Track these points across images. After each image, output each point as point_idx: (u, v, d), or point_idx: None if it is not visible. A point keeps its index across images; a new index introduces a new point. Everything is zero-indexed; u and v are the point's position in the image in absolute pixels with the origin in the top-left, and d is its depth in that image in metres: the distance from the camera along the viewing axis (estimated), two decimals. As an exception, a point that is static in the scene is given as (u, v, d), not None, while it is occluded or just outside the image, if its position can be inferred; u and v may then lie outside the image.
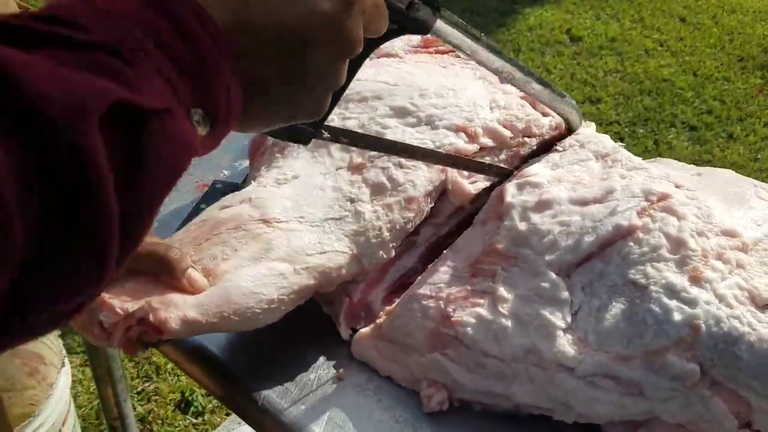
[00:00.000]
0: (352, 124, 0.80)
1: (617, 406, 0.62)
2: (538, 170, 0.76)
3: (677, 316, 0.61)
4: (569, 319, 0.64)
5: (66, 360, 1.45)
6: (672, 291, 0.62)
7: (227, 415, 1.71)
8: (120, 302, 0.63)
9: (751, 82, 2.83)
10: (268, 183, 0.76)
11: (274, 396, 0.69)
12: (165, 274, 0.65)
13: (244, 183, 0.93)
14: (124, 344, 0.64)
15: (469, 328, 0.66)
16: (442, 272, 0.71)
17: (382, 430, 0.66)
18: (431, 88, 0.83)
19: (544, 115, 0.84)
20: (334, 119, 0.81)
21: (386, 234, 0.72)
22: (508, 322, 0.65)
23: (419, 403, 0.69)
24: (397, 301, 0.72)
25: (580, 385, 0.62)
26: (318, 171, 0.77)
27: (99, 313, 0.63)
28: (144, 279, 0.66)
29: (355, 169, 0.76)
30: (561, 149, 0.78)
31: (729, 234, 0.66)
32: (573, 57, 2.97)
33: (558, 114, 0.81)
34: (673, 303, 0.61)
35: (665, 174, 0.72)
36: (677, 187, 0.70)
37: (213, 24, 0.38)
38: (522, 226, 0.69)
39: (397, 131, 0.79)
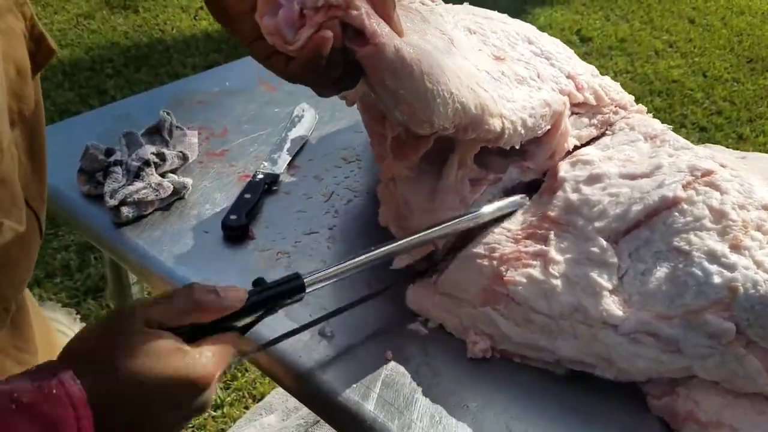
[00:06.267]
0: (487, 26, 0.89)
1: (656, 362, 0.69)
2: (589, 151, 0.85)
3: (717, 279, 0.69)
4: (615, 282, 0.72)
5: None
6: (713, 256, 0.70)
7: (246, 408, 1.75)
8: None
9: (760, 84, 2.91)
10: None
11: (326, 376, 0.75)
12: None
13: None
14: (316, 43, 0.60)
15: (520, 287, 0.74)
16: (497, 233, 0.79)
17: (429, 408, 0.72)
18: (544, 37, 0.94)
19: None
20: (467, 19, 0.89)
21: (527, 117, 0.78)
22: (558, 282, 0.73)
23: (471, 382, 0.74)
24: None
25: (622, 341, 0.70)
26: (463, 45, 0.82)
27: None
28: None
29: (497, 59, 0.84)
30: (611, 133, 0.85)
31: (769, 209, 0.73)
32: (583, 57, 3.03)
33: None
34: (713, 267, 0.69)
35: (711, 155, 0.81)
36: (722, 166, 0.78)
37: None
38: (574, 196, 0.78)
39: (525, 50, 0.87)
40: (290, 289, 0.65)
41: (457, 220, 0.77)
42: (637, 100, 0.97)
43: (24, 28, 0.67)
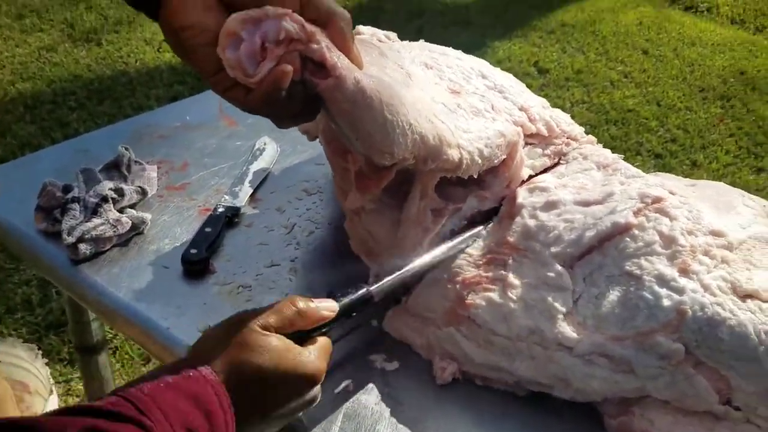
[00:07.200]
0: (443, 61, 0.91)
1: (610, 383, 0.71)
2: (546, 178, 0.88)
3: (666, 302, 0.72)
4: (570, 305, 0.75)
5: (53, 388, 1.44)
6: (663, 280, 0.73)
7: None
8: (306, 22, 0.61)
9: (712, 112, 3.00)
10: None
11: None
12: (333, 28, 0.65)
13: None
14: (276, 76, 0.61)
15: (480, 310, 0.76)
16: (459, 258, 0.82)
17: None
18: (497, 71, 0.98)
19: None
20: (423, 54, 0.92)
21: (484, 147, 0.80)
22: (515, 306, 0.75)
23: (432, 410, 0.75)
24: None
25: (577, 362, 0.72)
26: (420, 79, 0.84)
27: (278, 23, 0.60)
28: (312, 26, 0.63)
29: (453, 92, 0.86)
30: (565, 162, 0.88)
31: (716, 234, 0.78)
32: (541, 88, 3.11)
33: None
34: (663, 291, 0.72)
35: (661, 183, 0.84)
36: (671, 193, 0.81)
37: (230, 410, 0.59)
38: (531, 222, 0.81)
39: (480, 84, 0.90)
40: (361, 300, 0.74)
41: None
42: (594, 130, 1.01)
43: None
